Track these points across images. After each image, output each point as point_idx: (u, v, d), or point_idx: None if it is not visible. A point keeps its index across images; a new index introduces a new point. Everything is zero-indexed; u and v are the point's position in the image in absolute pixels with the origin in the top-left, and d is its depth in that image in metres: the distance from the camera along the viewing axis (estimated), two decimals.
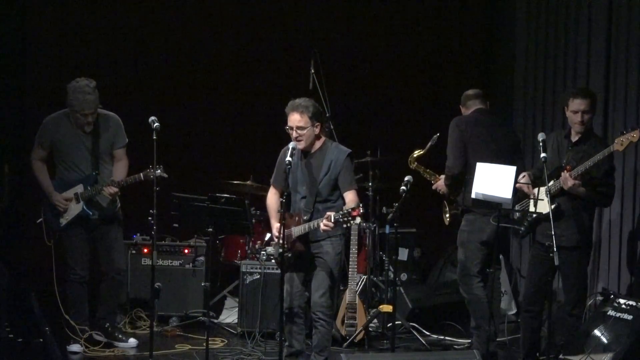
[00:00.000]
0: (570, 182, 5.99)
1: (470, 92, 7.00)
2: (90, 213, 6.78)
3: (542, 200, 6.15)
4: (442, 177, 6.96)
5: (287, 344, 6.22)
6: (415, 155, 7.27)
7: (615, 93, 7.34)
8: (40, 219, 6.85)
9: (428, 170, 7.19)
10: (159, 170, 6.51)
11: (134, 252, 7.78)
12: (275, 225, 6.16)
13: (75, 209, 6.77)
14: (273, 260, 6.29)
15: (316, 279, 6.12)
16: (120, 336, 6.98)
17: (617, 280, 7.23)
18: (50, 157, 6.87)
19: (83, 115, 6.68)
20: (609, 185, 6.20)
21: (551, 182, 6.12)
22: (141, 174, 6.58)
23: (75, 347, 6.75)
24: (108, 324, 6.97)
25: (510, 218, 6.40)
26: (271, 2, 9.35)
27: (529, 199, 6.26)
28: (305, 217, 6.06)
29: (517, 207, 6.38)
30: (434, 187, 7.06)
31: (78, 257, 6.82)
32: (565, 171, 6.01)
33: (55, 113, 6.88)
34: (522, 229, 6.32)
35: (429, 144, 7.21)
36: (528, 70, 8.64)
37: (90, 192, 6.74)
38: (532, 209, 6.24)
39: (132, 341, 6.97)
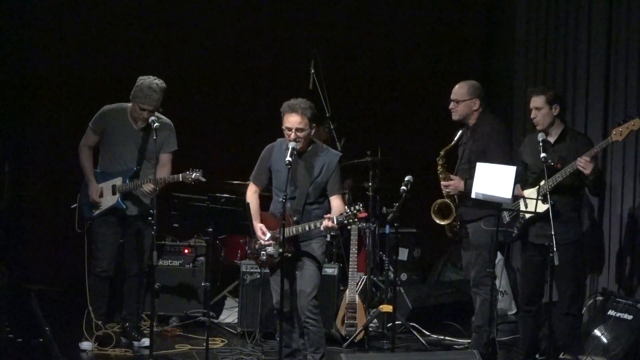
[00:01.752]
0: (591, 166, 5.97)
1: None
2: (125, 207, 6.78)
3: (532, 200, 6.14)
4: (457, 178, 6.81)
5: (284, 344, 6.21)
6: (442, 153, 6.82)
7: (616, 93, 7.34)
8: (75, 205, 6.85)
9: (446, 166, 6.84)
10: (196, 174, 6.56)
11: None
12: (259, 225, 6.15)
13: (110, 200, 6.78)
14: (264, 259, 6.19)
15: (302, 279, 6.11)
16: (136, 335, 6.99)
17: (617, 280, 7.23)
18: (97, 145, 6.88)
19: (141, 110, 6.70)
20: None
21: (542, 182, 6.13)
22: (180, 175, 6.58)
23: (85, 345, 6.75)
24: (128, 324, 7.00)
25: (501, 222, 6.34)
26: (271, 2, 9.35)
27: (518, 200, 6.26)
28: (294, 219, 6.06)
29: (506, 211, 6.37)
30: (445, 184, 6.74)
31: (106, 250, 6.81)
32: (582, 157, 5.98)
33: (115, 104, 6.90)
34: (515, 231, 6.31)
35: (457, 137, 6.88)
36: (528, 70, 8.64)
37: (127, 186, 6.75)
38: (522, 208, 6.24)
39: (145, 341, 6.92)
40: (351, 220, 5.79)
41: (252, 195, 6.28)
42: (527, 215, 6.19)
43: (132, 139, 6.81)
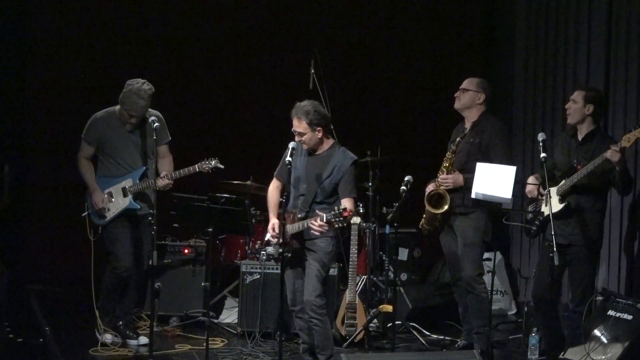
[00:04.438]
0: (619, 156, 5.98)
1: None
2: (138, 207, 6.80)
3: (551, 198, 6.18)
4: (456, 172, 6.70)
5: (301, 341, 6.29)
6: (458, 140, 6.73)
7: (615, 93, 7.34)
8: (85, 213, 6.84)
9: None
10: (214, 161, 6.60)
11: None
12: (273, 220, 6.20)
13: (122, 203, 6.78)
14: (273, 260, 6.29)
15: (307, 278, 6.12)
16: (131, 334, 7.00)
17: (617, 280, 7.23)
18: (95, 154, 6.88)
19: (129, 116, 6.72)
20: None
21: (562, 182, 6.17)
22: (196, 166, 6.62)
23: (108, 337, 6.78)
24: (121, 322, 7.00)
25: (523, 218, 6.48)
26: (271, 2, 9.35)
27: (540, 199, 6.29)
28: (299, 216, 6.07)
29: (530, 208, 6.42)
30: (445, 177, 6.67)
31: (127, 248, 6.81)
32: (612, 146, 6.00)
33: (102, 111, 6.90)
34: (534, 228, 6.36)
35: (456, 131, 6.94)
36: (528, 70, 8.64)
37: (139, 186, 6.77)
38: (543, 209, 6.27)
39: (142, 339, 6.97)
40: (338, 219, 5.77)
41: (273, 190, 6.32)
42: (547, 213, 6.21)
43: (130, 140, 6.82)
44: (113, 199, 6.80)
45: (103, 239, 6.84)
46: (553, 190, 6.22)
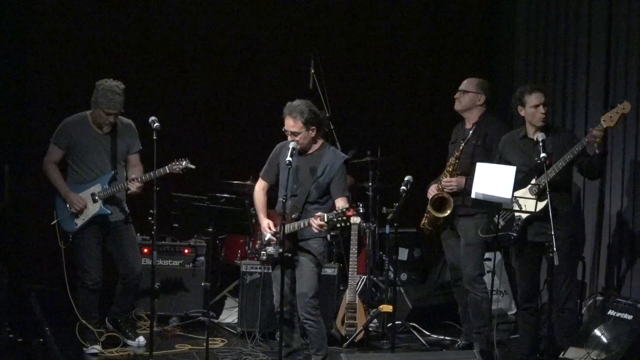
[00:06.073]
0: (601, 135, 5.91)
1: None
2: (109, 212, 6.75)
3: (528, 200, 6.12)
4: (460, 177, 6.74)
5: (284, 343, 6.23)
6: (462, 148, 6.74)
7: (616, 92, 7.34)
8: (54, 221, 6.81)
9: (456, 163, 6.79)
10: (184, 162, 6.56)
11: None
12: (266, 220, 6.17)
13: (92, 209, 6.73)
14: (264, 258, 6.23)
15: (300, 279, 6.12)
16: (129, 333, 7.01)
17: (617, 281, 7.22)
18: (64, 158, 6.85)
19: (107, 115, 6.68)
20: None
21: (533, 181, 6.11)
22: (166, 167, 6.56)
23: (93, 349, 6.75)
24: (120, 319, 7.01)
25: (497, 227, 6.26)
26: (271, 2, 9.35)
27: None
28: (293, 216, 6.06)
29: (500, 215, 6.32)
30: (447, 179, 6.69)
31: (93, 261, 6.77)
32: (593, 130, 5.93)
33: (73, 115, 6.88)
34: (514, 234, 6.25)
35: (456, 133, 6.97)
36: (528, 70, 8.64)
37: (108, 191, 6.72)
38: (517, 214, 6.20)
39: (141, 340, 6.98)
40: (341, 219, 5.76)
41: (259, 191, 6.31)
42: (524, 216, 6.18)
43: (100, 145, 6.78)
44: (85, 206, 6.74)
45: (73, 247, 6.77)
46: (524, 192, 6.18)
